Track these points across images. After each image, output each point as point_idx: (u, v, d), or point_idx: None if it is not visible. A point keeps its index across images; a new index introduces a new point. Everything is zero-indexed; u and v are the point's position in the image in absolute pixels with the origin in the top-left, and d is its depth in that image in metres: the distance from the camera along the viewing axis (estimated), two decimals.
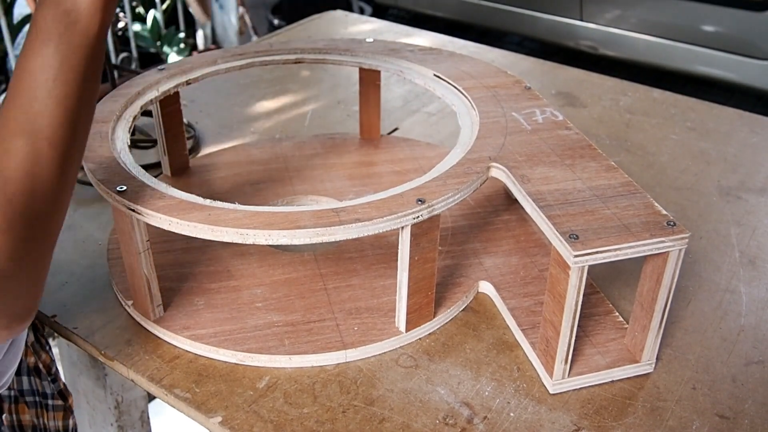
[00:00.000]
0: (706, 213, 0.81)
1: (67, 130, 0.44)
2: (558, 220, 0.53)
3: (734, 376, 0.59)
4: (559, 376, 0.56)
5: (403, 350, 0.61)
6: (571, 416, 0.55)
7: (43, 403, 0.60)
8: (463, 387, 0.57)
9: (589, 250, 0.50)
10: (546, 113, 0.70)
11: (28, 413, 0.58)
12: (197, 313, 0.63)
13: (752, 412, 0.56)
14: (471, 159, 0.62)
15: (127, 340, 0.61)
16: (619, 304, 0.66)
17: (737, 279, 0.70)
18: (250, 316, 0.62)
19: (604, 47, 2.60)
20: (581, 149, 0.64)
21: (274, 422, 0.54)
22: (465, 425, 0.54)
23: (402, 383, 0.57)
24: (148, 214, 0.54)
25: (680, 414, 0.55)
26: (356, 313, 0.63)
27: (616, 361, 0.59)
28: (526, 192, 0.57)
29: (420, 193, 0.57)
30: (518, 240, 0.73)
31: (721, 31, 2.31)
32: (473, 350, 0.61)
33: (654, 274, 0.55)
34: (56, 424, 0.61)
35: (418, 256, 0.57)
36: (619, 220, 0.54)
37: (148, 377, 0.57)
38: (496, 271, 0.68)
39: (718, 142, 0.96)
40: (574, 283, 0.51)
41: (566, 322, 0.53)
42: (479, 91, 0.74)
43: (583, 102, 1.06)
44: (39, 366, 0.62)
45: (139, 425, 0.88)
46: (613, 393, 0.57)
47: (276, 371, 0.58)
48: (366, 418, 0.54)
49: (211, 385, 0.57)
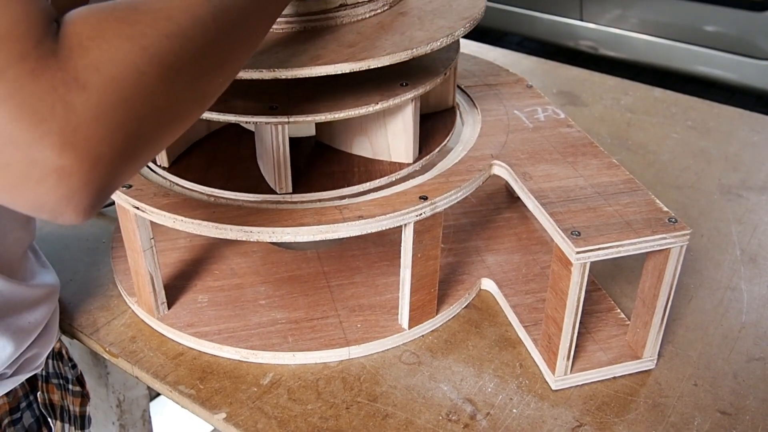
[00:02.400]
0: (707, 211, 0.81)
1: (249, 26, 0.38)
2: (560, 217, 0.54)
3: (735, 372, 0.59)
4: (561, 373, 0.56)
5: (406, 347, 0.61)
6: (574, 412, 0.55)
7: (65, 386, 0.61)
8: (466, 383, 0.58)
9: (591, 246, 0.51)
10: (548, 111, 0.71)
11: (56, 394, 0.60)
12: (201, 310, 0.63)
13: (753, 408, 0.56)
14: (473, 157, 0.62)
15: (132, 337, 0.62)
16: (621, 301, 0.67)
17: (738, 276, 0.71)
18: (254, 314, 0.63)
19: (604, 47, 2.61)
20: (583, 147, 0.64)
21: (278, 418, 0.54)
22: (468, 421, 0.54)
23: (405, 380, 0.58)
24: (153, 211, 0.55)
25: (682, 410, 0.56)
26: (359, 311, 0.63)
27: (618, 357, 0.59)
28: (528, 189, 0.58)
29: (423, 190, 0.57)
30: (520, 237, 0.73)
31: (721, 31, 2.31)
32: (476, 347, 0.61)
33: (655, 270, 0.55)
34: (74, 410, 0.61)
35: (420, 253, 0.57)
36: (620, 216, 0.54)
37: (153, 374, 0.58)
38: (498, 268, 0.68)
39: (719, 140, 0.96)
40: (576, 280, 0.52)
41: (568, 319, 0.53)
42: (481, 89, 0.75)
43: (585, 101, 1.06)
44: (62, 351, 0.62)
45: (140, 424, 0.88)
46: (615, 389, 0.57)
47: (280, 368, 0.58)
48: (369, 414, 0.54)
49: (215, 382, 0.57)
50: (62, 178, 0.30)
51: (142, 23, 0.33)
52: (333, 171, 0.60)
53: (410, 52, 0.52)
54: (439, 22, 0.57)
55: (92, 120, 0.30)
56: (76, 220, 0.32)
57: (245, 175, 0.59)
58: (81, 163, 0.30)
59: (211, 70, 0.37)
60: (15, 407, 0.55)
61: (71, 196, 0.30)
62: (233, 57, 0.39)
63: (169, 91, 0.34)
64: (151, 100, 0.33)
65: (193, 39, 0.35)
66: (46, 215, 0.32)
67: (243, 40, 0.40)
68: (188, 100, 0.36)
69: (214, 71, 0.38)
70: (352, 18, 0.57)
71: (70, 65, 0.30)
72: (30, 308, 0.52)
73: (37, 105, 0.29)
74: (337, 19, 0.56)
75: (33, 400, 0.57)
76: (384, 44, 0.53)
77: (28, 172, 0.29)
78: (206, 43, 0.36)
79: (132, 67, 0.32)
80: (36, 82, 0.29)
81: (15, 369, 0.52)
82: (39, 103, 0.29)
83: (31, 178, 0.29)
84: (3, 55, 0.29)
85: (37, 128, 0.29)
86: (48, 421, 0.59)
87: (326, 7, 0.55)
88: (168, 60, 0.33)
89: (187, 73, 0.35)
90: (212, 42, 0.36)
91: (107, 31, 0.32)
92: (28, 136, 0.29)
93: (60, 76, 0.30)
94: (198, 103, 0.38)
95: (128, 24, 0.33)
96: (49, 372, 0.59)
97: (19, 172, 0.29)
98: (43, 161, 0.29)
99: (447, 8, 0.60)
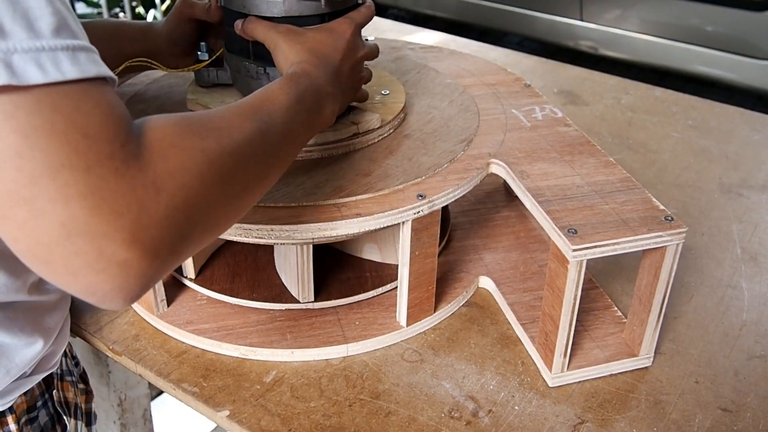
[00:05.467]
0: (707, 210, 0.81)
1: (266, 164, 0.43)
2: (557, 215, 0.54)
3: (736, 370, 0.60)
4: (558, 370, 0.57)
5: (408, 345, 0.61)
6: (575, 409, 0.55)
7: (76, 383, 0.61)
8: (468, 381, 0.58)
9: (587, 244, 0.51)
10: (545, 110, 0.71)
11: (71, 391, 0.60)
12: (200, 307, 0.63)
13: (754, 405, 0.56)
14: (471, 155, 0.62)
15: (135, 335, 0.62)
16: (621, 299, 0.67)
17: (739, 275, 0.71)
18: (253, 311, 0.63)
19: (604, 47, 2.61)
20: (580, 145, 0.64)
21: (281, 416, 0.54)
22: (470, 418, 0.54)
23: (407, 377, 0.58)
24: None
25: (683, 407, 0.56)
26: (357, 308, 0.63)
27: (615, 355, 0.59)
28: (526, 188, 0.58)
29: (420, 188, 0.57)
30: (518, 236, 0.73)
31: (721, 31, 2.31)
32: (478, 345, 0.62)
33: (652, 268, 0.55)
34: (82, 407, 0.62)
35: (418, 251, 0.58)
36: (617, 215, 0.54)
37: (156, 372, 0.58)
38: (496, 266, 0.69)
39: (720, 140, 0.96)
40: (572, 277, 0.52)
41: (565, 316, 0.54)
42: (479, 89, 0.75)
43: (585, 100, 1.06)
44: (67, 350, 0.63)
45: (141, 423, 0.88)
46: (617, 386, 0.58)
47: (282, 365, 0.59)
48: (372, 412, 0.55)
49: (218, 380, 0.57)
50: (122, 270, 0.32)
51: (210, 138, 0.37)
52: (348, 277, 0.66)
53: (420, 179, 0.58)
54: (441, 146, 0.63)
55: (161, 221, 0.33)
56: (120, 306, 0.35)
57: (268, 284, 0.65)
58: (142, 259, 0.33)
59: (253, 183, 0.42)
60: (32, 406, 0.56)
61: (125, 286, 0.33)
62: (270, 173, 0.44)
63: (219, 200, 0.38)
64: (206, 208, 0.37)
65: (244, 155, 0.40)
66: (93, 299, 0.34)
67: (278, 159, 0.45)
68: (231, 208, 0.41)
69: (255, 185, 0.42)
70: (364, 144, 0.63)
71: (150, 169, 0.33)
72: (51, 310, 0.54)
73: (117, 202, 0.32)
74: (351, 145, 0.62)
75: (48, 398, 0.58)
76: (396, 172, 0.59)
77: (94, 262, 0.32)
78: (252, 160, 0.41)
79: (199, 177, 0.36)
80: (119, 181, 0.32)
81: (33, 368, 0.53)
82: (119, 200, 0.32)
83: (94, 267, 0.32)
84: (93, 154, 0.31)
85: (113, 223, 0.32)
86: (62, 418, 0.59)
87: (341, 137, 0.62)
88: (224, 172, 0.38)
89: (236, 184, 0.39)
90: (257, 159, 0.41)
91: (185, 141, 0.36)
92: (103, 229, 0.31)
93: (140, 177, 0.33)
94: (238, 212, 0.42)
95: (200, 138, 0.37)
96: (63, 370, 0.60)
97: (85, 260, 0.32)
98: (111, 254, 0.32)
99: (445, 129, 0.67)
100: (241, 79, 0.64)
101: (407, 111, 0.69)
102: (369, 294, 0.64)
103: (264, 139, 0.42)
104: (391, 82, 0.72)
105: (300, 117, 0.47)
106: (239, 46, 0.63)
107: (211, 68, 0.67)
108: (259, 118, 0.43)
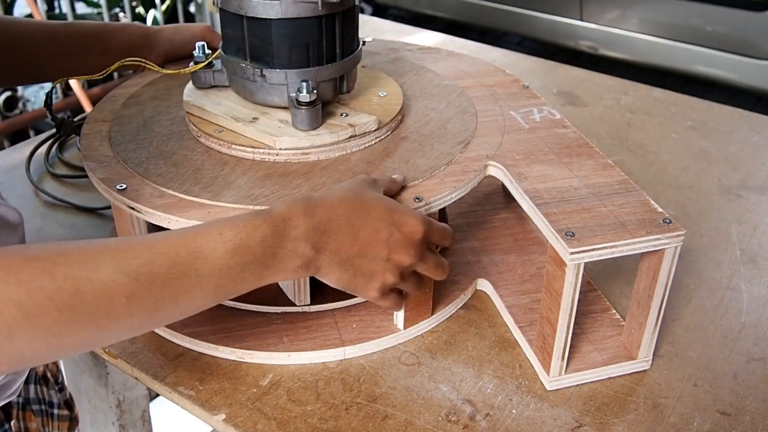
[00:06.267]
0: (707, 211, 0.81)
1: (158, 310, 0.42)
2: (554, 218, 0.54)
3: (735, 373, 0.59)
4: (555, 373, 0.56)
5: (405, 348, 0.61)
6: (573, 413, 0.55)
7: (49, 411, 0.60)
8: (466, 384, 0.57)
9: (585, 247, 0.51)
10: (543, 112, 0.71)
11: (35, 421, 0.59)
12: None
13: (753, 408, 0.56)
14: (468, 157, 0.62)
15: (131, 338, 0.62)
16: (621, 302, 0.66)
17: (738, 277, 0.70)
18: (249, 314, 0.63)
19: (604, 47, 2.61)
20: (578, 147, 0.64)
21: (277, 419, 0.54)
22: (467, 422, 0.54)
23: (405, 381, 0.58)
24: (148, 212, 0.55)
25: (681, 410, 0.56)
26: (355, 311, 0.63)
27: (613, 358, 0.59)
28: (523, 190, 0.58)
29: (418, 190, 0.57)
30: (516, 238, 0.73)
31: (721, 31, 2.31)
32: (475, 348, 0.61)
33: (650, 271, 0.55)
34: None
35: None
36: (615, 217, 0.54)
37: (152, 375, 0.58)
38: (493, 268, 0.68)
39: (719, 141, 0.96)
40: (570, 280, 0.52)
41: (563, 319, 0.53)
42: (477, 90, 0.75)
43: (585, 101, 1.06)
44: (47, 374, 0.62)
45: (140, 424, 0.88)
46: (615, 390, 0.57)
47: (279, 369, 0.59)
48: (369, 415, 0.54)
49: (214, 383, 0.57)
50: None
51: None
52: None
53: (417, 182, 0.59)
54: (439, 148, 0.63)
55: None
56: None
57: (264, 287, 0.60)
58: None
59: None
60: None
61: None
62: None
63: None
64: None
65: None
66: None
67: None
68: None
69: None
70: (361, 146, 0.63)
71: None
72: None
73: None
74: (348, 148, 0.62)
75: (7, 430, 0.56)
76: (393, 174, 0.58)
77: None
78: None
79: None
80: None
81: None
82: None
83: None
84: None
85: None
86: None
87: (338, 139, 0.62)
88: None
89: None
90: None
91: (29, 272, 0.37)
92: None
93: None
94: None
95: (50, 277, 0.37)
96: (29, 397, 0.58)
97: None
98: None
99: (443, 131, 0.67)
100: (238, 81, 0.64)
101: (405, 113, 0.69)
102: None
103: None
104: (389, 84, 0.72)
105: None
106: (236, 47, 0.62)
107: (207, 70, 0.67)
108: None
